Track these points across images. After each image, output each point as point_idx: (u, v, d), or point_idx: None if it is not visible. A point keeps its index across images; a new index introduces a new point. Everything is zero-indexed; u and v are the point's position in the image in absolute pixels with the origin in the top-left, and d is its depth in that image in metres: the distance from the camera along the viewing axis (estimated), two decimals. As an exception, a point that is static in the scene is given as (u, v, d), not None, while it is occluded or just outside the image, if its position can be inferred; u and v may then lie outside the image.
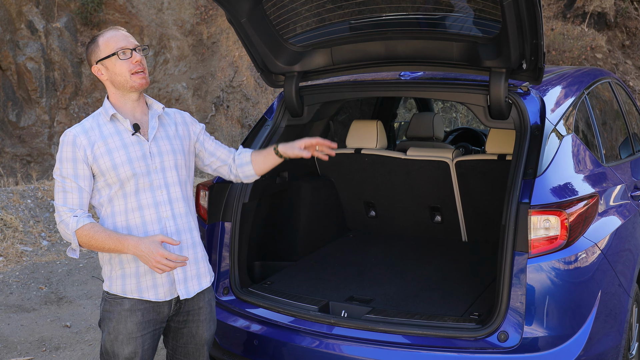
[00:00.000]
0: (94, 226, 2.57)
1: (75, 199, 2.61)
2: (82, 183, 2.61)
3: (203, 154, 2.97)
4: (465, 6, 3.20)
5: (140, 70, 2.64)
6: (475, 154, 5.44)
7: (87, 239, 2.57)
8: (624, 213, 3.42)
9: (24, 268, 6.43)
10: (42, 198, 7.96)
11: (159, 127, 2.74)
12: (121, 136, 2.65)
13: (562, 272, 2.88)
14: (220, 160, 3.00)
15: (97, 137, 2.62)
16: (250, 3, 3.24)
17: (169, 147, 2.72)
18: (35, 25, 12.48)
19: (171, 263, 2.49)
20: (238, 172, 3.01)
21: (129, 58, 2.63)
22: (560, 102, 3.47)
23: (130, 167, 2.61)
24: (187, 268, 2.72)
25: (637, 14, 13.18)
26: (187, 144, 2.84)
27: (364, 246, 4.59)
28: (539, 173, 2.99)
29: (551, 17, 13.13)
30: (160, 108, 2.78)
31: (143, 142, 2.67)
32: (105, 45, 2.64)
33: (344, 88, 3.83)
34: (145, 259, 2.51)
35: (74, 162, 2.60)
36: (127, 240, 2.53)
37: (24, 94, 12.41)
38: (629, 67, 12.62)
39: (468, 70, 3.42)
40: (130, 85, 2.65)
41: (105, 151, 2.60)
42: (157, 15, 13.79)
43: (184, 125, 2.86)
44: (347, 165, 4.60)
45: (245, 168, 3.00)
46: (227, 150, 3.02)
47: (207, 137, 2.98)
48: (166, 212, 2.67)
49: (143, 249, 2.49)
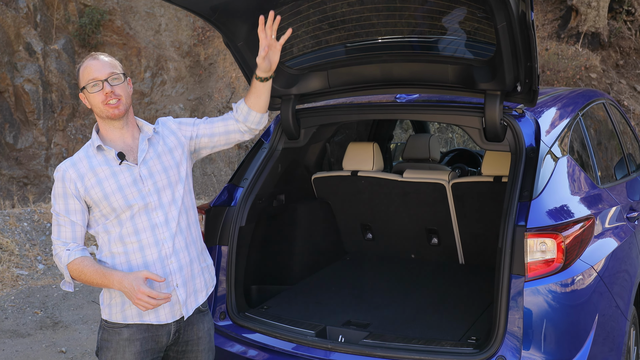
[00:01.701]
0: (84, 260, 2.57)
1: (68, 233, 2.62)
2: (74, 217, 2.61)
3: (204, 142, 2.90)
4: (460, 29, 3.23)
5: (111, 100, 2.62)
6: (472, 175, 5.45)
7: (77, 273, 2.58)
8: (620, 235, 3.42)
9: (19, 292, 6.40)
10: (39, 221, 7.93)
11: (148, 149, 2.71)
12: (110, 165, 2.63)
13: (559, 295, 2.87)
14: (223, 134, 2.92)
15: (86, 169, 2.62)
16: (247, 26, 3.26)
17: (159, 167, 2.70)
18: (33, 47, 12.54)
19: (153, 301, 2.46)
20: (247, 125, 2.93)
21: (101, 90, 2.62)
22: (555, 124, 3.48)
23: (121, 194, 2.60)
24: (188, 286, 2.71)
25: (630, 34, 13.28)
26: (178, 154, 2.79)
27: (361, 269, 4.58)
28: (535, 195, 3.00)
29: (545, 37, 13.23)
30: (150, 130, 2.75)
31: (132, 167, 2.65)
32: (81, 75, 2.68)
33: (341, 111, 3.84)
34: (128, 295, 2.50)
35: (65, 198, 2.61)
36: (112, 276, 2.52)
37: (22, 115, 12.43)
38: (623, 87, 12.70)
39: (463, 93, 3.43)
40: (106, 115, 2.64)
41: (96, 182, 2.60)
42: (155, 37, 13.87)
43: (172, 136, 2.81)
44: (343, 188, 4.60)
45: (250, 117, 2.91)
46: (222, 121, 2.93)
47: (200, 126, 2.89)
48: (163, 233, 2.66)
49: (126, 285, 2.49)
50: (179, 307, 2.69)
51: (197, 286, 2.78)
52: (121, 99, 2.63)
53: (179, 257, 2.68)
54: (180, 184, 2.75)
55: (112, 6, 13.46)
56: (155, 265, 2.63)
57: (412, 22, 3.29)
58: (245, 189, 3.69)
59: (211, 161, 13.08)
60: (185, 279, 2.70)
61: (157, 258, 2.63)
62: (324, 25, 3.40)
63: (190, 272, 2.73)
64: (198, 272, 2.79)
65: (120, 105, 2.63)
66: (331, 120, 3.93)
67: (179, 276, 2.67)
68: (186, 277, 2.71)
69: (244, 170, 3.80)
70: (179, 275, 2.67)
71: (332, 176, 4.59)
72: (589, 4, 12.52)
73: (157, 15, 13.95)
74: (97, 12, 13.04)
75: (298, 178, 4.51)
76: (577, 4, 12.58)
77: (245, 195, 3.67)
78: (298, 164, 4.44)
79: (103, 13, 13.17)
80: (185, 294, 2.70)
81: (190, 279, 2.73)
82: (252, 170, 3.78)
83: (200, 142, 2.90)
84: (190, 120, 2.90)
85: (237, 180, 3.77)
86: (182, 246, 2.70)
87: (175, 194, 2.72)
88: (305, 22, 3.36)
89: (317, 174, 4.62)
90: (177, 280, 2.67)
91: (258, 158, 3.83)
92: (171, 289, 2.66)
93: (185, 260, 2.71)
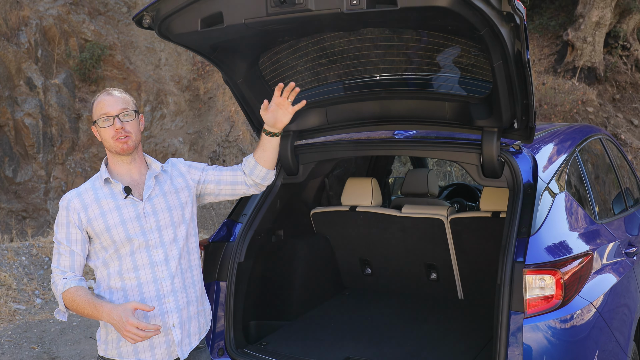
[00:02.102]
0: (79, 290, 2.58)
1: (67, 262, 2.64)
2: (75, 247, 2.63)
3: (210, 188, 2.93)
4: (457, 67, 3.27)
5: (121, 136, 2.66)
6: (470, 210, 5.46)
7: (70, 302, 2.59)
8: (618, 270, 3.43)
9: (16, 327, 6.35)
10: (37, 255, 7.91)
11: (154, 186, 2.74)
12: (115, 198, 2.66)
13: (559, 332, 2.86)
14: (229, 183, 2.95)
15: (91, 200, 2.65)
16: (247, 64, 3.31)
17: (164, 205, 2.72)
18: (34, 81, 12.64)
19: (141, 333, 2.44)
20: (253, 179, 2.96)
21: (112, 125, 2.66)
22: (552, 160, 3.51)
23: (123, 228, 2.62)
24: (183, 327, 2.70)
25: (626, 68, 13.42)
26: (185, 195, 2.81)
27: (360, 304, 4.56)
28: (533, 232, 3.01)
29: (542, 71, 13.36)
30: (158, 167, 2.79)
31: (137, 202, 2.67)
32: (94, 109, 2.71)
33: (339, 147, 3.87)
34: (117, 328, 2.48)
35: (67, 227, 2.64)
36: (102, 307, 2.52)
37: (21, 149, 12.47)
38: (620, 121, 12.78)
39: (461, 129, 3.46)
40: (114, 150, 2.68)
41: (99, 214, 2.63)
42: (155, 72, 13.99)
43: (180, 177, 2.85)
44: (342, 223, 4.61)
45: (255, 170, 2.94)
46: (231, 170, 2.97)
47: (209, 172, 2.93)
48: (162, 271, 2.66)
49: (115, 317, 2.47)
50: (174, 347, 2.68)
51: (192, 329, 2.78)
52: (130, 136, 2.67)
53: (177, 297, 2.68)
54: (183, 225, 2.77)
55: (112, 41, 13.60)
56: (152, 303, 2.62)
57: (410, 59, 3.34)
58: (244, 224, 3.70)
59: (210, 194, 13.08)
60: (182, 320, 2.70)
61: (155, 296, 2.63)
62: (323, 62, 3.44)
63: (187, 314, 2.73)
64: (194, 315, 2.79)
65: (129, 141, 2.67)
66: (330, 156, 3.95)
67: (176, 316, 2.67)
68: (182, 318, 2.71)
69: (242, 206, 3.82)
70: (176, 315, 2.67)
71: (331, 211, 4.60)
72: (585, 39, 12.67)
73: (157, 50, 14.09)
74: (97, 47, 13.17)
75: (297, 213, 4.52)
76: (573, 39, 12.73)
77: (244, 231, 3.68)
78: (297, 199, 4.45)
79: (104, 48, 13.30)
80: (181, 335, 2.70)
81: (186, 321, 2.73)
82: (250, 206, 3.79)
83: (206, 188, 2.92)
84: (200, 165, 2.95)
85: (236, 215, 3.78)
86: (180, 287, 2.71)
87: (178, 234, 2.74)
88: (304, 59, 3.41)
89: (316, 209, 4.63)
90: (174, 320, 2.66)
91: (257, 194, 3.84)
92: (167, 329, 2.65)
93: (183, 302, 2.71)
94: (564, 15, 13.91)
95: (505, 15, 2.54)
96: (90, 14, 13.61)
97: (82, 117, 13.12)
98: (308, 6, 2.56)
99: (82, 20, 13.41)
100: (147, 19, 2.82)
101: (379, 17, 2.77)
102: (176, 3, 2.76)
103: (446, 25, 2.92)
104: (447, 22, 2.85)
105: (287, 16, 2.64)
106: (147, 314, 2.60)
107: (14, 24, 12.69)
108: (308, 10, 2.58)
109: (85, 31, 13.41)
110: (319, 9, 2.57)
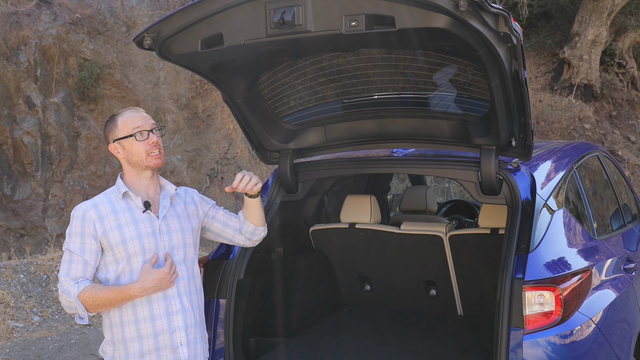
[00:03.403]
0: (94, 286, 2.60)
1: (79, 271, 2.63)
2: (88, 257, 2.64)
3: (215, 227, 3.00)
4: (455, 86, 3.31)
5: (155, 150, 2.72)
6: (469, 227, 5.48)
7: (91, 300, 2.58)
8: (617, 286, 3.44)
9: (14, 345, 6.33)
10: (35, 273, 7.90)
11: (169, 206, 2.79)
12: (132, 212, 2.69)
13: (559, 348, 2.88)
14: (233, 230, 3.04)
15: (108, 212, 2.67)
16: (246, 84, 3.34)
17: (177, 226, 2.77)
18: (33, 100, 12.68)
19: (169, 277, 2.61)
20: (245, 234, 3.05)
21: (146, 139, 2.70)
22: (550, 177, 3.53)
23: (139, 242, 2.65)
24: (190, 347, 2.74)
25: (622, 85, 13.51)
26: (195, 222, 2.88)
27: (359, 321, 4.56)
28: (532, 248, 3.03)
29: (539, 89, 13.44)
30: (173, 189, 2.84)
31: (153, 219, 2.72)
32: (123, 125, 2.72)
33: (338, 165, 3.90)
34: (158, 287, 2.59)
35: (82, 237, 2.64)
36: (130, 286, 2.58)
37: (20, 167, 12.49)
38: (617, 137, 12.84)
39: (459, 147, 3.49)
40: (146, 165, 2.72)
41: (116, 226, 2.65)
42: (153, 90, 14.05)
43: (193, 205, 2.91)
44: (341, 240, 4.62)
45: (244, 226, 3.04)
46: (238, 218, 3.06)
47: (219, 211, 3.02)
48: (172, 290, 2.70)
49: (150, 283, 2.57)
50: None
51: (198, 351, 2.81)
52: (162, 150, 2.75)
53: (185, 316, 2.72)
54: (192, 249, 2.83)
55: (111, 60, 13.67)
56: (162, 319, 2.66)
57: (408, 78, 3.37)
58: (244, 242, 3.71)
59: (208, 212, 13.09)
60: (189, 339, 2.73)
61: (165, 312, 2.66)
62: (322, 81, 3.48)
63: (193, 335, 2.77)
64: (200, 338, 2.82)
65: (162, 155, 2.74)
66: (329, 174, 3.98)
67: (184, 335, 2.70)
68: (189, 339, 2.74)
69: (242, 223, 3.83)
70: (183, 334, 2.70)
71: (330, 228, 4.61)
72: (581, 57, 12.76)
73: (156, 68, 14.15)
74: (96, 65, 13.23)
75: (296, 230, 4.54)
76: (569, 57, 12.82)
77: (244, 248, 3.69)
78: (296, 216, 4.47)
79: (103, 67, 13.36)
80: (188, 355, 2.72)
81: (193, 342, 2.76)
82: (250, 223, 3.80)
83: (212, 225, 3.00)
84: (211, 201, 3.03)
85: (236, 233, 3.79)
86: (188, 307, 2.75)
87: (187, 256, 2.79)
88: (303, 78, 3.45)
89: (315, 226, 4.65)
90: (182, 338, 2.69)
91: None
92: (175, 347, 2.67)
93: (190, 321, 2.74)
94: (560, 33, 14.02)
95: (502, 36, 2.58)
96: (89, 34, 13.70)
97: (80, 135, 13.15)
98: (307, 27, 2.59)
99: (81, 39, 13.49)
100: (147, 40, 2.85)
101: (378, 38, 2.81)
102: (177, 24, 2.80)
103: (444, 46, 2.96)
104: (445, 43, 2.89)
105: (287, 37, 2.68)
106: (155, 330, 2.65)
107: (14, 43, 12.76)
108: (307, 32, 2.61)
109: (85, 50, 13.48)
110: (319, 30, 2.61)
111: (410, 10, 2.49)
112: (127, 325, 2.65)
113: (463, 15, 2.44)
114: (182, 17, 2.77)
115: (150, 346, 2.64)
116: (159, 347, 2.66)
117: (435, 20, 2.50)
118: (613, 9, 12.37)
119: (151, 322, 2.64)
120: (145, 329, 2.64)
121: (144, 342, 2.63)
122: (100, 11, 13.99)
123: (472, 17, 2.46)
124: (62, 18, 13.45)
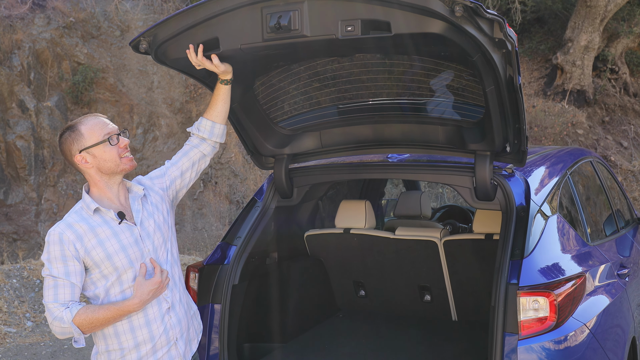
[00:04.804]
0: (88, 308, 2.54)
1: (67, 295, 2.55)
2: (74, 279, 2.56)
3: (178, 184, 2.94)
4: (450, 92, 3.32)
5: (127, 152, 2.69)
6: (463, 232, 5.48)
7: (88, 323, 2.52)
8: (611, 292, 3.45)
9: (7, 350, 6.30)
10: (28, 277, 7.86)
11: (142, 209, 2.74)
12: (109, 225, 2.63)
13: (553, 353, 2.88)
14: (190, 168, 2.96)
15: (85, 229, 2.59)
16: (242, 88, 3.34)
17: (153, 225, 2.74)
18: (26, 104, 12.65)
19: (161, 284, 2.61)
20: (213, 140, 3.00)
21: (117, 143, 2.66)
22: (544, 183, 3.54)
23: (124, 254, 2.61)
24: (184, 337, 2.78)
25: (615, 91, 13.57)
26: (163, 208, 2.83)
27: (354, 326, 4.56)
28: (526, 254, 3.04)
29: (532, 94, 13.49)
30: (141, 191, 2.77)
31: (132, 227, 2.67)
32: (90, 133, 2.62)
33: (333, 170, 3.90)
34: (154, 296, 2.59)
35: (64, 260, 2.55)
36: (126, 303, 2.56)
37: (12, 171, 12.44)
38: (609, 143, 12.90)
39: (454, 153, 3.50)
40: (122, 169, 2.67)
41: (97, 242, 2.58)
42: (147, 94, 14.03)
43: (153, 193, 2.84)
44: (336, 245, 4.62)
45: (215, 129, 2.99)
46: (184, 156, 2.97)
47: (169, 171, 2.93)
48: (164, 293, 2.71)
49: (146, 296, 2.56)
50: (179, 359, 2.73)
51: (191, 335, 2.85)
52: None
53: (176, 310, 2.74)
54: (169, 237, 2.82)
55: (105, 64, 13.65)
56: (156, 322, 2.66)
57: (404, 84, 3.38)
58: (239, 247, 3.71)
59: (202, 216, 13.07)
60: (183, 331, 2.77)
61: (158, 315, 2.67)
62: (317, 87, 3.48)
63: (185, 324, 2.80)
64: (190, 321, 2.86)
65: (133, 158, 2.71)
66: (324, 180, 3.98)
67: (178, 330, 2.73)
68: (183, 329, 2.77)
69: (237, 229, 3.83)
70: (177, 330, 2.73)
71: (325, 234, 4.61)
72: (574, 62, 12.82)
73: (150, 73, 14.14)
74: (90, 70, 13.21)
75: (291, 236, 4.53)
76: (562, 62, 12.88)
77: (239, 254, 3.69)
78: (291, 221, 4.47)
79: (96, 71, 13.34)
80: (184, 346, 2.77)
81: (186, 330, 2.80)
82: (245, 229, 3.80)
83: (175, 186, 2.93)
84: (159, 172, 2.93)
85: (230, 238, 3.79)
86: (177, 299, 2.76)
87: (169, 250, 2.79)
88: (298, 83, 3.45)
89: (310, 231, 4.65)
90: (177, 334, 2.72)
91: (251, 216, 3.86)
92: (171, 344, 2.69)
93: (181, 314, 2.77)
94: (553, 39, 14.09)
95: (497, 42, 2.59)
96: (83, 37, 13.67)
97: (74, 139, 13.10)
98: (304, 32, 2.60)
99: (75, 43, 13.47)
100: (143, 44, 2.85)
101: (373, 43, 2.81)
102: (173, 29, 2.80)
103: (439, 51, 2.97)
104: (440, 48, 2.90)
105: (283, 42, 2.68)
106: (152, 334, 2.65)
107: (7, 47, 12.72)
108: (304, 37, 2.62)
109: (78, 54, 13.46)
110: (315, 35, 2.61)
111: (406, 15, 2.50)
112: (122, 335, 2.63)
113: (458, 20, 2.45)
114: (178, 21, 2.78)
115: (147, 350, 2.64)
116: (156, 349, 2.67)
117: (431, 25, 2.51)
118: (606, 15, 12.43)
119: (147, 327, 2.64)
120: (142, 335, 2.63)
121: (141, 348, 2.63)
122: (94, 15, 13.97)
123: (467, 22, 2.47)
124: (56, 22, 13.42)
